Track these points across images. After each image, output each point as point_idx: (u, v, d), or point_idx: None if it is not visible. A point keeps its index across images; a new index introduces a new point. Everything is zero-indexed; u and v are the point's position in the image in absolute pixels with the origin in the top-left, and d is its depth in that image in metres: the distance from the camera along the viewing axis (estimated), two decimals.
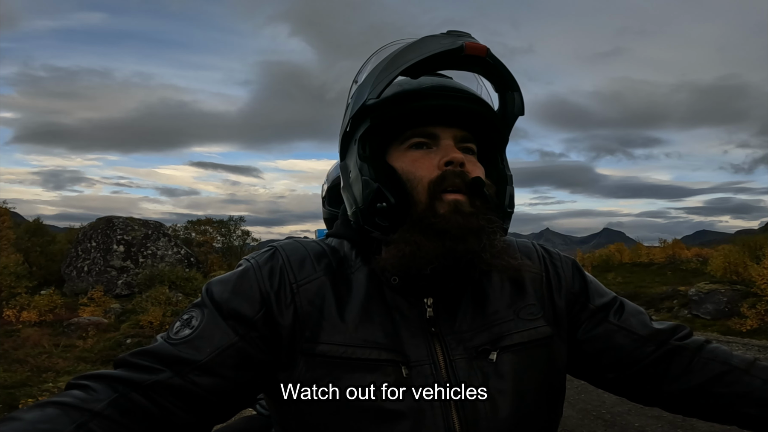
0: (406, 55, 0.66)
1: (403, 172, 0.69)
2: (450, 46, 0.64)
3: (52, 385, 5.67)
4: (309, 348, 0.65)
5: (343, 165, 0.78)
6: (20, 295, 9.62)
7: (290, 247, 0.73)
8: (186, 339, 0.63)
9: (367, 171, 0.69)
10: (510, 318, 0.71)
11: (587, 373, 0.79)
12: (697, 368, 0.73)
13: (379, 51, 0.78)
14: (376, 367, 0.64)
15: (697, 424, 3.85)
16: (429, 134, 0.71)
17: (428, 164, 0.69)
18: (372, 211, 0.68)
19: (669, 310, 9.85)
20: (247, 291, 0.67)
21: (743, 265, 9.98)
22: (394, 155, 0.72)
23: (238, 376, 0.64)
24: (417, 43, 0.68)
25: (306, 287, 0.68)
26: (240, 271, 0.71)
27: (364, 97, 0.69)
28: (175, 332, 0.65)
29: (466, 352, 0.67)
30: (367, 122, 0.71)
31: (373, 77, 0.69)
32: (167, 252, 13.64)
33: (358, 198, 0.71)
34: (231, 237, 17.82)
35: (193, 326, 0.65)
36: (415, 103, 0.70)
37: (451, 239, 0.64)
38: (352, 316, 0.66)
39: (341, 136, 0.78)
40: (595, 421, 4.25)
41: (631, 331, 0.76)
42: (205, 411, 0.62)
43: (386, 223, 0.68)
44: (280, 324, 0.66)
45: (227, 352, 0.63)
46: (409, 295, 0.69)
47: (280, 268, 0.69)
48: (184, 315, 0.68)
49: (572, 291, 0.78)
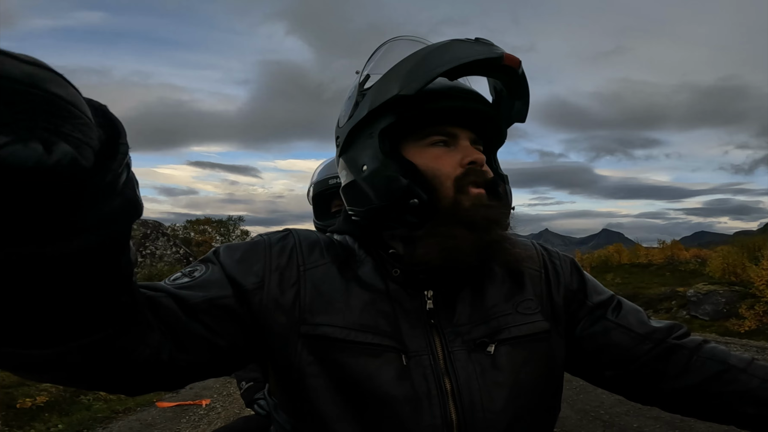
0: (442, 57, 0.66)
1: (426, 168, 0.70)
2: (490, 54, 0.66)
3: (50, 385, 5.66)
4: (309, 329, 0.65)
5: (347, 158, 0.76)
6: None
7: (304, 232, 0.75)
8: (185, 285, 0.64)
9: (394, 167, 0.69)
10: (509, 312, 0.72)
11: (585, 370, 0.80)
12: (695, 367, 0.74)
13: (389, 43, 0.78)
14: (377, 353, 0.65)
15: (695, 425, 3.85)
16: (449, 134, 0.72)
17: (451, 162, 0.70)
18: (403, 208, 0.68)
19: (667, 311, 9.87)
20: (251, 262, 0.68)
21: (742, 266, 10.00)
22: (412, 151, 0.72)
23: (223, 329, 0.63)
24: (449, 45, 0.68)
25: (313, 271, 0.69)
26: (251, 242, 0.72)
27: (394, 91, 0.67)
28: (175, 278, 0.66)
29: (465, 345, 0.67)
30: (390, 117, 0.70)
31: (403, 72, 0.68)
32: (166, 251, 13.63)
33: (380, 194, 0.70)
34: (230, 237, 17.82)
35: (194, 276, 0.66)
36: (445, 104, 0.71)
37: (479, 230, 0.66)
38: (356, 303, 0.67)
39: (348, 128, 0.76)
40: (594, 421, 4.25)
41: (628, 328, 0.76)
42: (183, 351, 0.59)
43: (416, 219, 0.68)
44: (278, 302, 0.66)
45: (218, 302, 0.63)
46: (410, 287, 0.70)
47: (291, 248, 0.71)
48: (188, 267, 0.69)
49: (570, 288, 0.79)
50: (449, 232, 0.66)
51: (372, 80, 0.76)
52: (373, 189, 0.70)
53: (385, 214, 0.70)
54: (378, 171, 0.70)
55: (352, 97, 0.77)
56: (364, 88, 0.76)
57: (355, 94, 0.76)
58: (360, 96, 0.75)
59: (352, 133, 0.75)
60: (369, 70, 0.78)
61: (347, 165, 0.76)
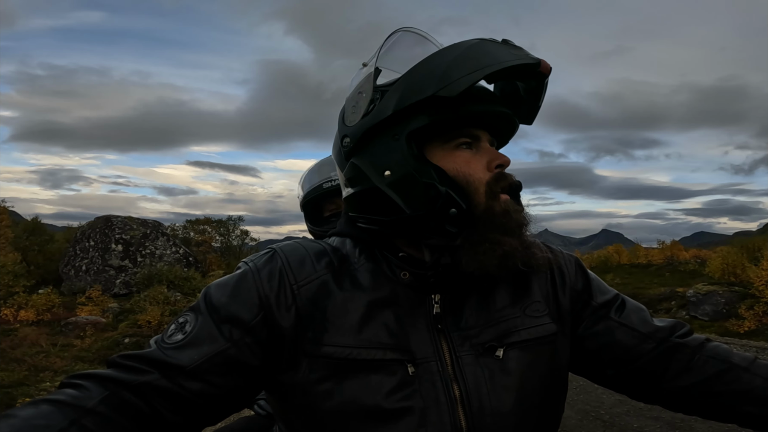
0: (480, 59, 0.63)
1: (458, 173, 0.67)
2: (530, 60, 0.65)
3: (49, 385, 5.65)
4: (313, 350, 0.64)
5: (364, 161, 0.70)
6: (18, 294, 9.59)
7: (289, 248, 0.72)
8: (176, 345, 0.63)
9: (430, 174, 0.66)
10: (516, 315, 0.71)
11: (588, 369, 0.79)
12: (698, 366, 0.73)
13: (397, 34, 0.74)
14: (381, 367, 0.64)
15: (696, 425, 3.85)
16: (473, 135, 0.71)
17: (480, 165, 0.69)
18: (442, 218, 0.65)
19: (667, 311, 9.86)
20: (245, 295, 0.66)
21: (741, 266, 9.99)
22: (438, 155, 0.69)
23: (226, 383, 0.63)
24: (483, 46, 0.65)
25: (306, 287, 0.67)
26: (239, 275, 0.69)
27: (429, 91, 0.63)
28: (169, 336, 0.65)
29: (473, 349, 0.67)
30: (423, 118, 0.66)
31: (437, 71, 0.64)
32: (166, 251, 13.62)
33: (414, 203, 0.66)
34: (230, 237, 17.81)
35: (185, 331, 0.65)
36: (480, 107, 0.69)
37: (516, 236, 0.66)
38: (357, 315, 0.66)
39: (363, 127, 0.70)
40: (594, 421, 4.24)
41: (631, 327, 0.76)
42: (193, 413, 0.62)
43: (456, 229, 0.65)
44: (282, 326, 0.65)
45: (215, 359, 0.63)
46: (418, 291, 0.69)
47: (279, 270, 0.68)
48: (179, 318, 0.68)
49: (576, 288, 0.79)
50: (496, 239, 0.65)
51: (385, 75, 0.73)
52: (404, 197, 0.67)
53: (420, 224, 0.67)
54: (410, 177, 0.66)
55: (365, 92, 0.72)
56: (378, 83, 0.72)
57: (369, 90, 0.71)
58: (376, 93, 0.71)
59: (369, 134, 0.70)
60: (379, 63, 0.73)
61: (363, 168, 0.70)
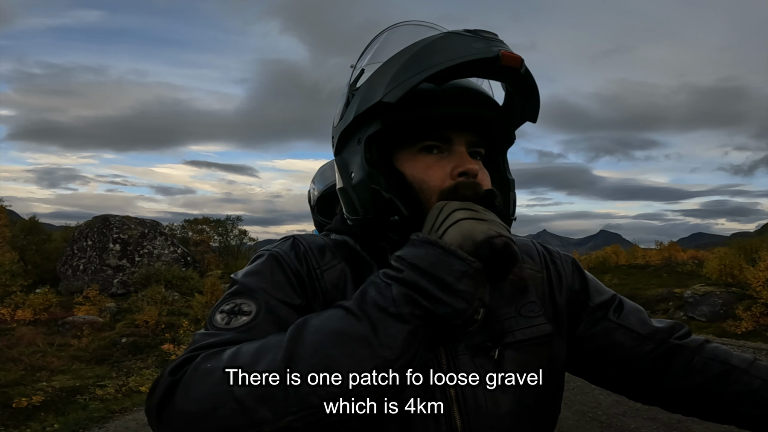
0: (431, 58, 0.59)
1: (414, 179, 0.66)
2: (484, 54, 0.58)
3: (46, 384, 5.63)
4: None
5: (340, 161, 0.74)
6: (15, 293, 9.56)
7: (309, 237, 0.74)
8: (245, 326, 0.59)
9: (378, 180, 0.65)
10: (512, 315, 0.71)
11: (587, 371, 0.79)
12: (697, 367, 0.73)
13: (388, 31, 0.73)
14: None
15: (693, 426, 3.85)
16: (443, 138, 0.67)
17: (441, 172, 0.66)
18: (384, 224, 0.66)
19: (664, 312, 9.87)
20: (282, 281, 0.66)
21: (739, 267, 10.01)
22: (402, 158, 0.68)
23: None
24: (442, 41, 0.61)
25: (329, 272, 0.69)
26: (268, 261, 0.68)
27: (378, 96, 0.62)
28: (226, 322, 0.60)
29: (468, 349, 0.67)
30: (377, 124, 0.65)
31: (389, 74, 0.62)
32: (164, 251, 13.58)
33: (364, 205, 0.68)
34: (228, 236, 17.78)
35: (247, 312, 0.60)
36: (437, 110, 0.64)
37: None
38: None
39: (340, 129, 0.72)
40: (591, 422, 4.25)
41: (630, 329, 0.76)
42: None
43: (398, 237, 0.64)
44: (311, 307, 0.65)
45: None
46: None
47: (304, 254, 0.70)
48: (224, 305, 0.63)
49: (572, 289, 0.78)
50: None
51: (366, 76, 0.71)
52: (359, 200, 0.69)
53: (371, 227, 0.69)
54: (363, 182, 0.67)
55: (344, 94, 0.73)
56: (356, 86, 0.71)
57: (346, 92, 0.72)
58: (351, 94, 0.71)
59: (343, 136, 0.72)
60: (364, 64, 0.72)
61: (339, 168, 0.74)
